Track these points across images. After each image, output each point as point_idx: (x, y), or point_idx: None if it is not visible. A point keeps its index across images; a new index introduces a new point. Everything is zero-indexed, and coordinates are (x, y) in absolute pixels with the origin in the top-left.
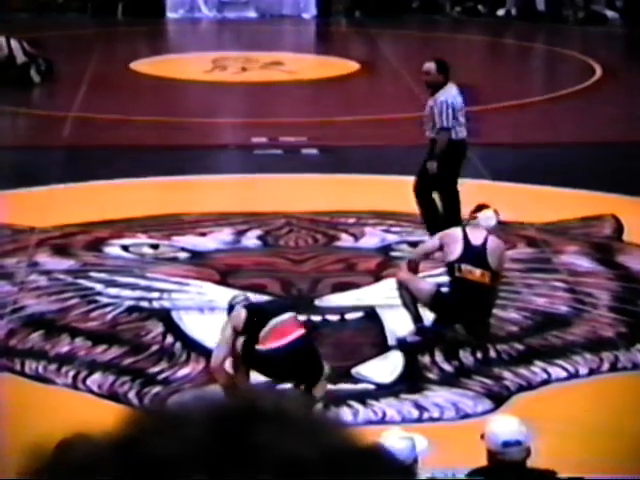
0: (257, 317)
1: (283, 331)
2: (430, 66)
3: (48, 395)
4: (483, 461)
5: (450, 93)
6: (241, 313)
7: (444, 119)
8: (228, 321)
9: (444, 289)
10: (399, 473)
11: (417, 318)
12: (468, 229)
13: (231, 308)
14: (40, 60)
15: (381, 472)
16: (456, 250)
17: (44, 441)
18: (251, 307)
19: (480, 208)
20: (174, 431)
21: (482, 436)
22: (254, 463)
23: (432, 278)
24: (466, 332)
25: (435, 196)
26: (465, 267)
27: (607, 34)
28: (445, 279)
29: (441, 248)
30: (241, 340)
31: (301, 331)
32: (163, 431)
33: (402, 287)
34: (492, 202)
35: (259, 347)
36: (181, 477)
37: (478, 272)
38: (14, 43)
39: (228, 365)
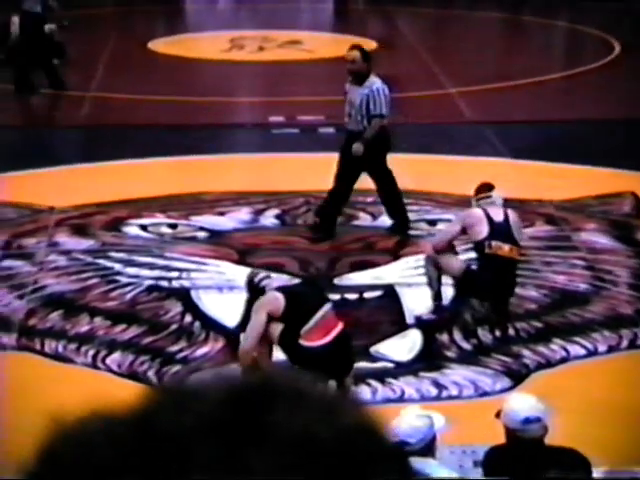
0: (294, 303)
1: (327, 326)
2: (355, 54)
3: (68, 374)
4: (502, 439)
5: (379, 81)
6: (279, 299)
7: (381, 106)
8: (262, 305)
9: (473, 266)
10: (407, 460)
11: (438, 296)
12: (487, 208)
13: (254, 286)
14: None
15: (392, 458)
16: (484, 229)
17: (58, 419)
18: (287, 292)
19: (486, 187)
20: (189, 406)
21: (497, 414)
22: (268, 439)
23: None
24: (491, 310)
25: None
26: (495, 243)
27: (626, 10)
28: (470, 257)
29: (463, 231)
30: (279, 328)
31: (341, 324)
32: (178, 406)
33: (430, 263)
34: (511, 180)
35: (306, 343)
36: (195, 451)
37: (507, 247)
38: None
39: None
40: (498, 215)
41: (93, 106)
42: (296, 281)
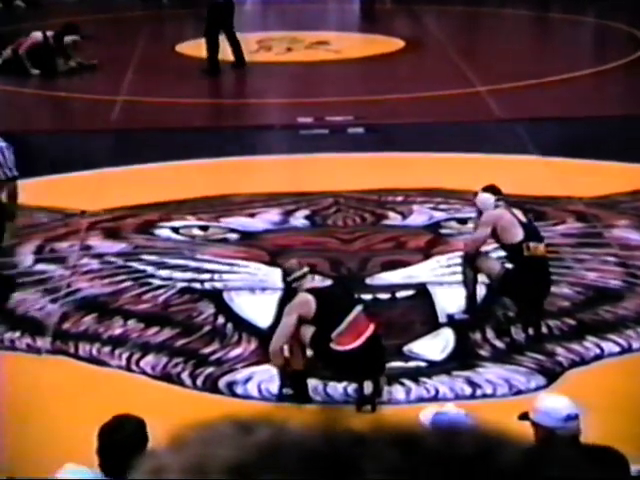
0: (325, 306)
1: (358, 329)
2: None
3: (102, 377)
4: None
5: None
6: (310, 301)
7: (12, 165)
8: (294, 307)
9: (509, 267)
10: None
11: (472, 297)
12: (512, 210)
13: (288, 282)
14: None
15: None
16: (519, 231)
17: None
18: (318, 295)
19: (493, 188)
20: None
21: (522, 416)
22: None
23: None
24: (526, 308)
25: None
26: (533, 244)
27: None
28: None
29: (491, 233)
30: (310, 331)
31: (372, 326)
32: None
33: (467, 264)
34: (541, 177)
35: (337, 347)
36: None
37: (542, 247)
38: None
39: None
40: (521, 216)
41: (123, 110)
42: (327, 283)
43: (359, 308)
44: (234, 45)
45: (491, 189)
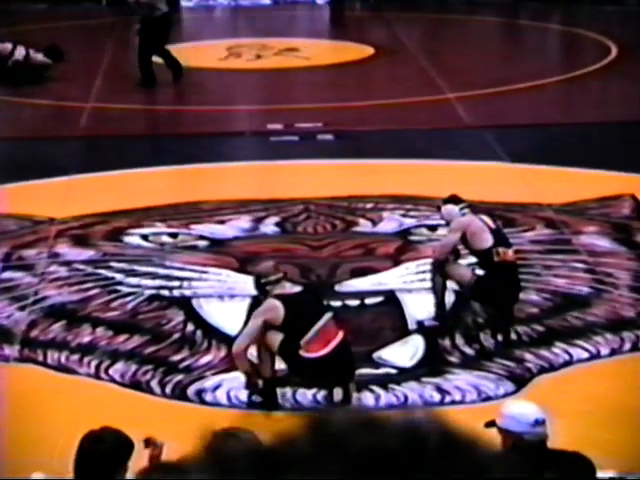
0: (294, 313)
1: (327, 336)
2: None
3: (71, 385)
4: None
5: None
6: (278, 308)
7: None
8: (261, 312)
9: (480, 273)
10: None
11: (441, 305)
12: (480, 216)
13: (261, 286)
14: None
15: None
16: (488, 236)
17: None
18: (286, 301)
19: (454, 198)
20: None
21: (489, 424)
22: None
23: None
24: (496, 314)
25: None
26: (502, 250)
27: (623, 13)
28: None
29: (461, 240)
30: (279, 338)
31: (341, 333)
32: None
33: (437, 272)
34: (510, 184)
35: (306, 354)
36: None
37: (511, 252)
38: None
39: (251, 352)
40: (490, 222)
41: (92, 117)
42: (296, 289)
43: (328, 315)
44: (170, 58)
45: (453, 199)
